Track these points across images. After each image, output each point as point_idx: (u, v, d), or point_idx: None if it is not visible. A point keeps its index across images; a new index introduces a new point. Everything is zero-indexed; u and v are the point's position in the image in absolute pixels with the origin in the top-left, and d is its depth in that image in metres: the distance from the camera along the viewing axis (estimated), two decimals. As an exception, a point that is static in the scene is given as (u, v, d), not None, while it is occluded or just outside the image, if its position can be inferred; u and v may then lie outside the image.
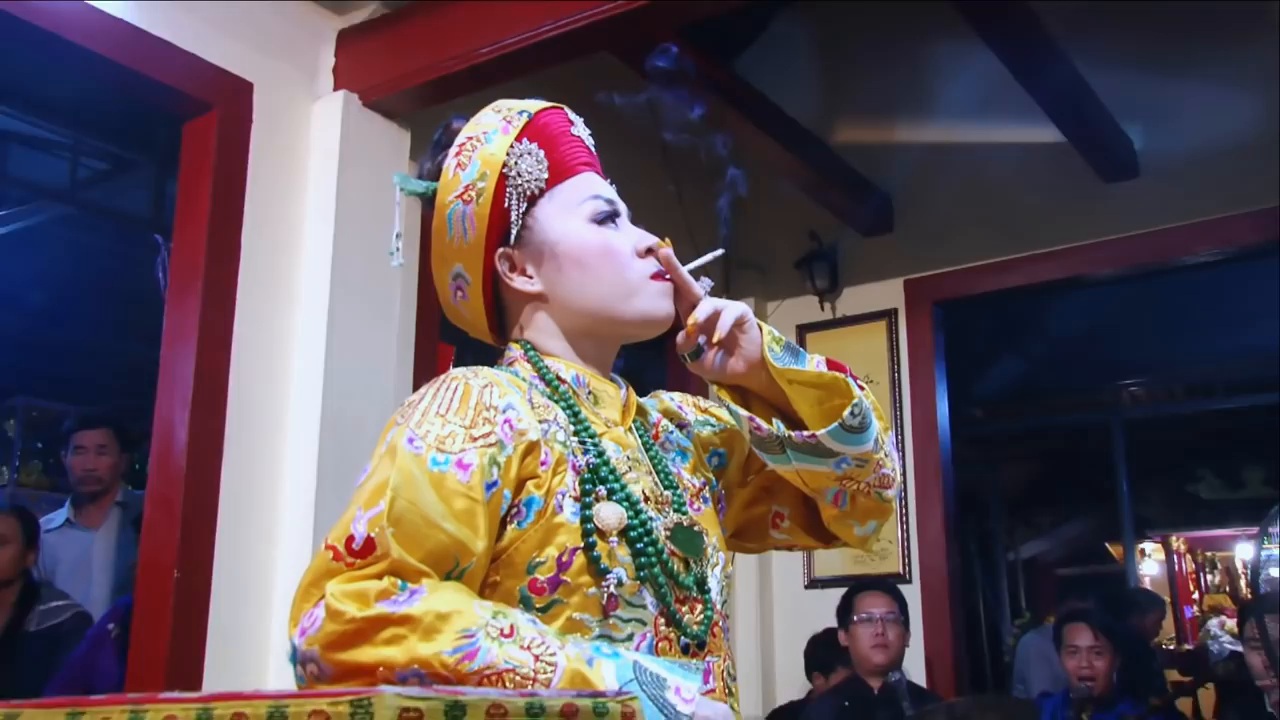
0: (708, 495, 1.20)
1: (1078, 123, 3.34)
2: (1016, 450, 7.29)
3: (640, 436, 1.17)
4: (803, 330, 4.01)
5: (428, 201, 1.18)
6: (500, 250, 1.15)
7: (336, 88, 2.63)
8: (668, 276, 1.15)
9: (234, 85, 2.48)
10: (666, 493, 1.12)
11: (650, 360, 3.83)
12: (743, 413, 1.13)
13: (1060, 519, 7.97)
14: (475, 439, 1.00)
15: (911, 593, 3.54)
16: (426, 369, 2.75)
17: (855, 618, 3.07)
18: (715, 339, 1.13)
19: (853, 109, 4.03)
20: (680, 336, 1.16)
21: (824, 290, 3.96)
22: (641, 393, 1.28)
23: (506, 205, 1.14)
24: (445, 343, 2.88)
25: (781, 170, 3.59)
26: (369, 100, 2.62)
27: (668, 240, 1.16)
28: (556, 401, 1.11)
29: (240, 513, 2.34)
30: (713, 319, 1.13)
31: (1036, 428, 6.84)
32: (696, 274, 1.18)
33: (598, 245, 1.14)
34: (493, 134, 1.15)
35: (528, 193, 1.14)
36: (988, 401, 6.19)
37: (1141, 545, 7.46)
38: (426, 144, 1.23)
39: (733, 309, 1.14)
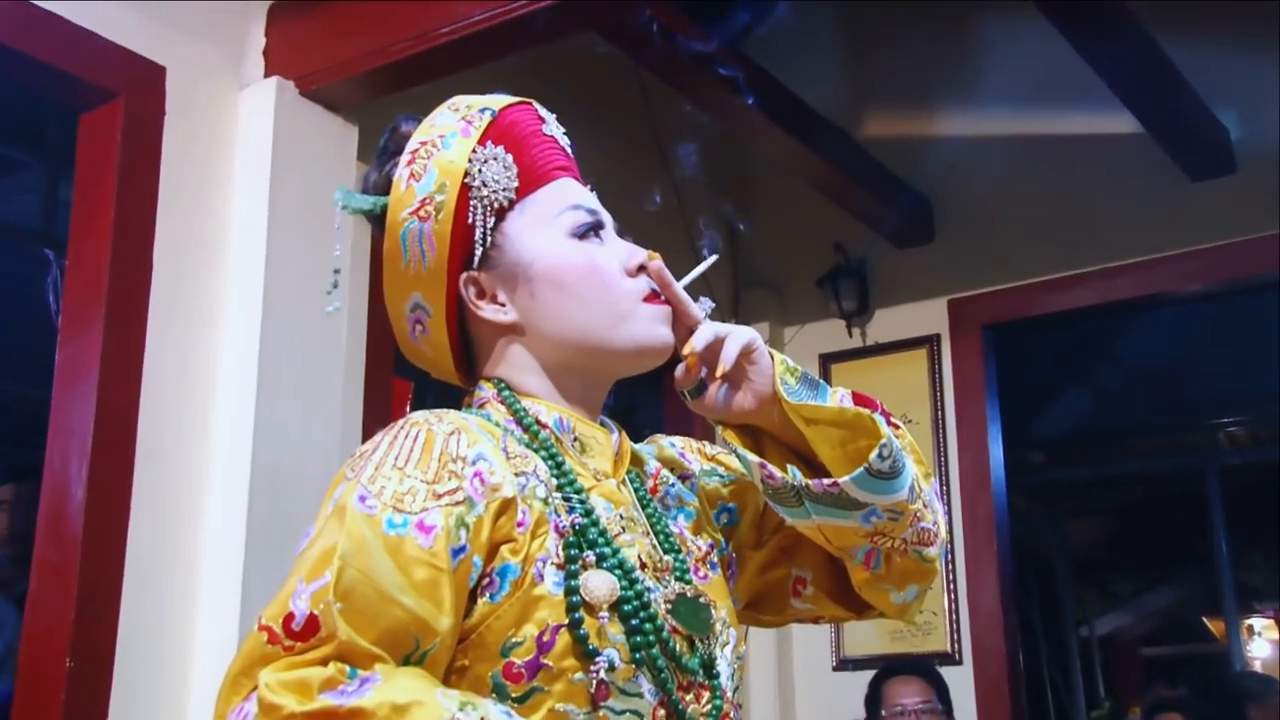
0: (716, 560, 1.22)
1: (1158, 109, 3.34)
2: (1087, 502, 7.30)
3: (635, 491, 1.19)
4: (826, 361, 4.04)
5: (376, 220, 1.20)
6: (465, 274, 1.17)
7: (268, 74, 2.65)
8: (664, 297, 1.17)
9: (142, 70, 2.49)
10: (667, 558, 1.14)
11: (645, 398, 3.85)
12: (752, 458, 1.15)
13: (1143, 587, 7.97)
14: (439, 496, 1.01)
15: (962, 676, 3.54)
16: (379, 410, 2.76)
17: (884, 711, 3.05)
18: (719, 371, 1.14)
19: (885, 96, 4.08)
20: (679, 370, 1.18)
21: (851, 313, 3.99)
22: (636, 438, 1.29)
23: (471, 221, 1.15)
24: (401, 378, 2.90)
25: (799, 169, 3.63)
26: (307, 89, 2.64)
27: (655, 254, 1.18)
28: (536, 450, 1.12)
29: (150, 586, 2.34)
30: (715, 347, 1.15)
31: (1111, 475, 6.85)
32: (694, 292, 1.19)
33: (580, 263, 1.16)
34: (451, 137, 1.17)
35: (495, 205, 1.16)
36: (1051, 444, 6.20)
37: (1248, 620, 7.44)
38: (376, 142, 1.25)
39: (738, 335, 1.16)
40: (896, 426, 1.19)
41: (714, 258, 1.26)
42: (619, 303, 1.16)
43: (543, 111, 1.24)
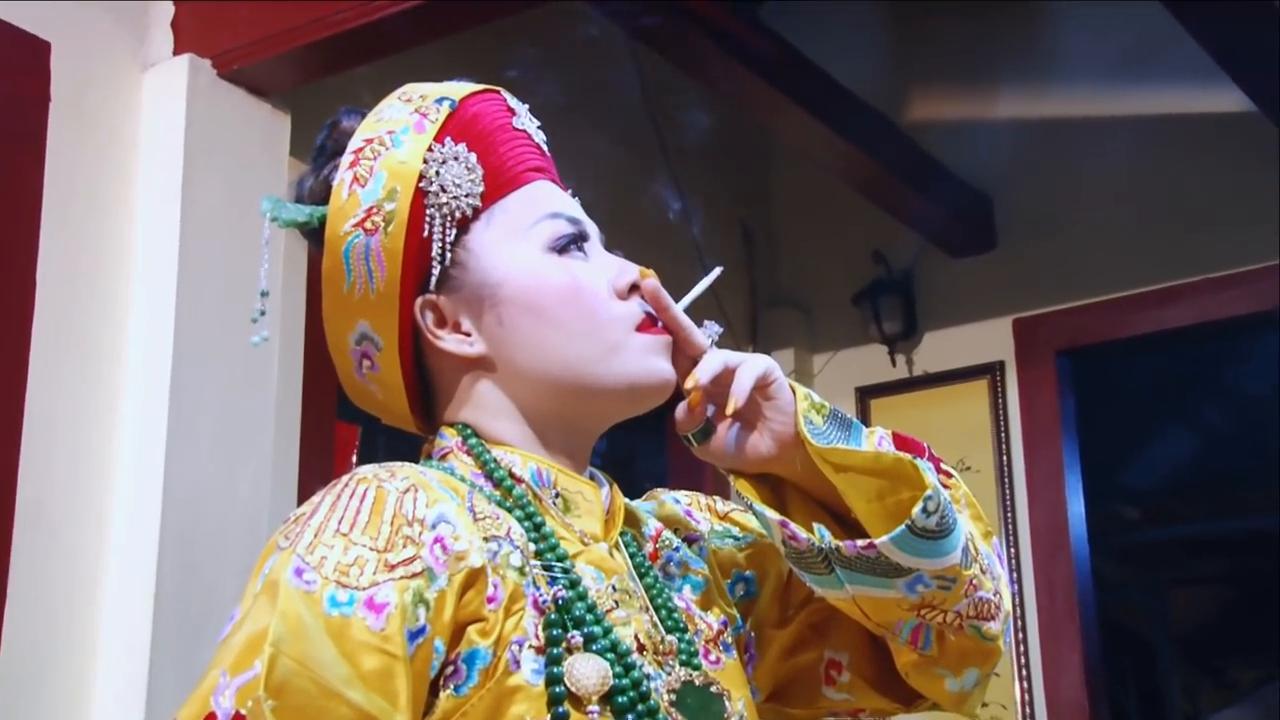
0: (730, 640, 1.23)
1: (1276, 85, 3.31)
2: (1194, 567, 7.28)
3: (631, 557, 1.21)
4: (865, 394, 4.06)
5: (314, 234, 1.22)
6: (422, 298, 1.19)
7: (178, 50, 2.66)
8: (662, 323, 1.20)
9: (20, 45, 2.48)
10: (670, 638, 1.15)
11: (645, 444, 3.87)
12: (772, 515, 1.17)
13: (1269, 673, 7.93)
14: (393, 567, 1.02)
15: (1039, 785, 3.55)
16: (319, 463, 2.78)
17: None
18: (729, 408, 1.16)
19: (934, 71, 4.10)
20: (680, 409, 1.20)
21: (895, 336, 4.01)
22: (634, 492, 1.31)
23: (427, 234, 1.17)
24: (346, 423, 2.91)
25: (829, 162, 3.65)
26: (226, 69, 2.66)
27: (649, 271, 1.20)
28: (510, 510, 1.13)
29: (33, 684, 2.33)
30: (724, 379, 1.17)
31: (1222, 533, 6.84)
32: (700, 315, 1.21)
33: (560, 283, 1.18)
34: (402, 133, 1.19)
35: (457, 214, 1.18)
36: (1145, 495, 6.20)
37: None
38: (315, 135, 1.28)
39: (752, 364, 1.18)
40: (948, 475, 1.21)
41: (719, 270, 1.27)
42: (607, 331, 1.18)
43: (513, 101, 1.26)
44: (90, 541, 2.45)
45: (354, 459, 3.00)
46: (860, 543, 1.13)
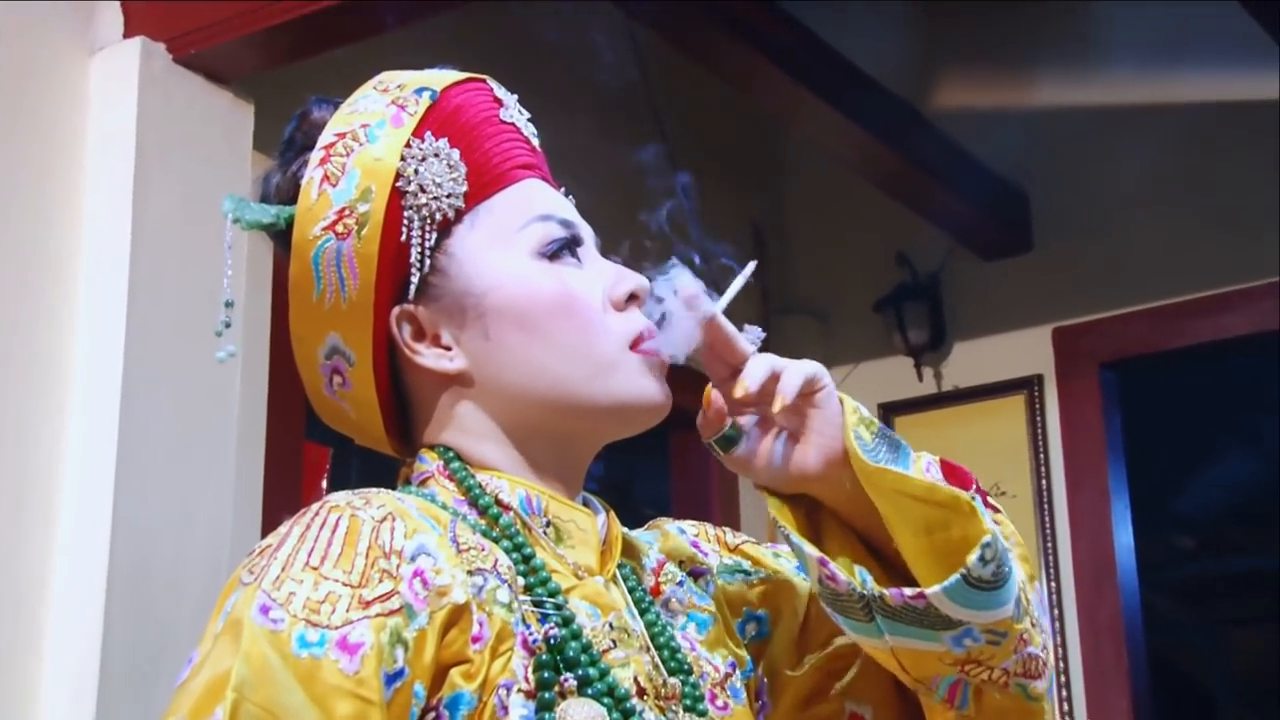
0: (738, 685, 1.23)
1: None
2: (1255, 604, 7.27)
3: (630, 591, 1.21)
4: (888, 411, 4.06)
5: (280, 237, 1.22)
6: (399, 309, 1.19)
7: (129, 33, 2.66)
8: (660, 351, 1.20)
9: (-48, 29, 2.50)
10: (673, 681, 1.15)
11: (644, 465, 3.87)
12: (810, 552, 1.16)
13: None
14: (368, 604, 1.02)
15: None
16: (287, 490, 2.78)
17: None
18: (776, 406, 1.16)
19: (964, 56, 4.09)
20: (702, 416, 1.20)
21: (921, 347, 4.01)
22: (633, 521, 1.32)
23: (405, 238, 1.18)
24: (317, 444, 2.90)
25: (848, 155, 3.66)
26: (182, 54, 2.65)
27: (646, 283, 1.20)
28: (496, 540, 1.13)
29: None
30: (769, 386, 1.17)
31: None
32: (735, 319, 1.20)
33: (550, 293, 1.19)
34: (378, 127, 1.19)
35: (437, 216, 1.19)
36: (1202, 523, 6.19)
37: None
38: (283, 126, 1.28)
39: (800, 366, 1.18)
40: (995, 510, 1.20)
41: (753, 265, 1.27)
42: (600, 346, 1.19)
43: (501, 92, 1.26)
44: (30, 581, 2.44)
45: (325, 485, 2.99)
46: (908, 592, 1.12)
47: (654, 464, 4.04)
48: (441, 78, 1.24)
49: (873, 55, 3.57)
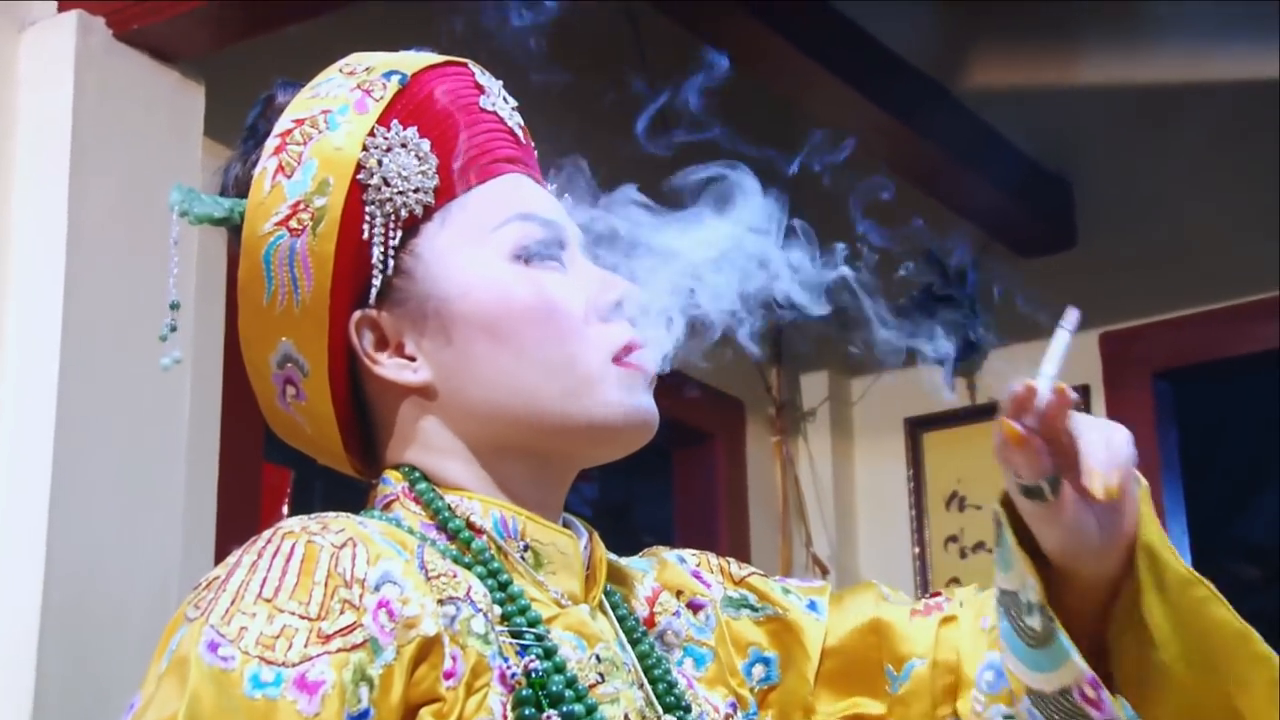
0: (741, 727, 1.26)
1: None
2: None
3: (621, 621, 1.23)
4: (916, 428, 4.08)
5: (236, 232, 1.24)
6: (359, 314, 1.21)
7: (63, 6, 2.67)
8: (646, 366, 1.22)
9: None
10: (667, 718, 1.17)
11: (644, 486, 3.87)
12: (1082, 666, 1.12)
13: None
14: (328, 638, 1.03)
15: None
16: (242, 515, 2.78)
17: None
18: (1110, 496, 1.12)
19: (1000, 29, 4.08)
20: (1024, 445, 1.13)
21: (952, 356, 4.01)
22: (631, 547, 1.34)
23: (366, 236, 1.20)
24: (275, 464, 2.92)
25: (868, 139, 3.65)
26: (124, 29, 2.65)
27: (632, 288, 1.23)
28: (469, 566, 1.15)
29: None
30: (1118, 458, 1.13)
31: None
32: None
33: (525, 300, 1.20)
34: (340, 113, 1.21)
35: (403, 213, 1.21)
36: (1267, 550, 6.18)
37: None
38: (241, 111, 1.30)
39: (1128, 434, 1.16)
40: None
41: (1075, 315, 1.27)
42: (579, 360, 1.20)
43: (484, 77, 1.29)
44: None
45: (286, 510, 2.98)
46: None
47: (655, 485, 4.04)
48: (415, 60, 1.25)
49: (895, 29, 3.57)
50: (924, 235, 4.11)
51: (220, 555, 2.52)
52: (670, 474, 4.09)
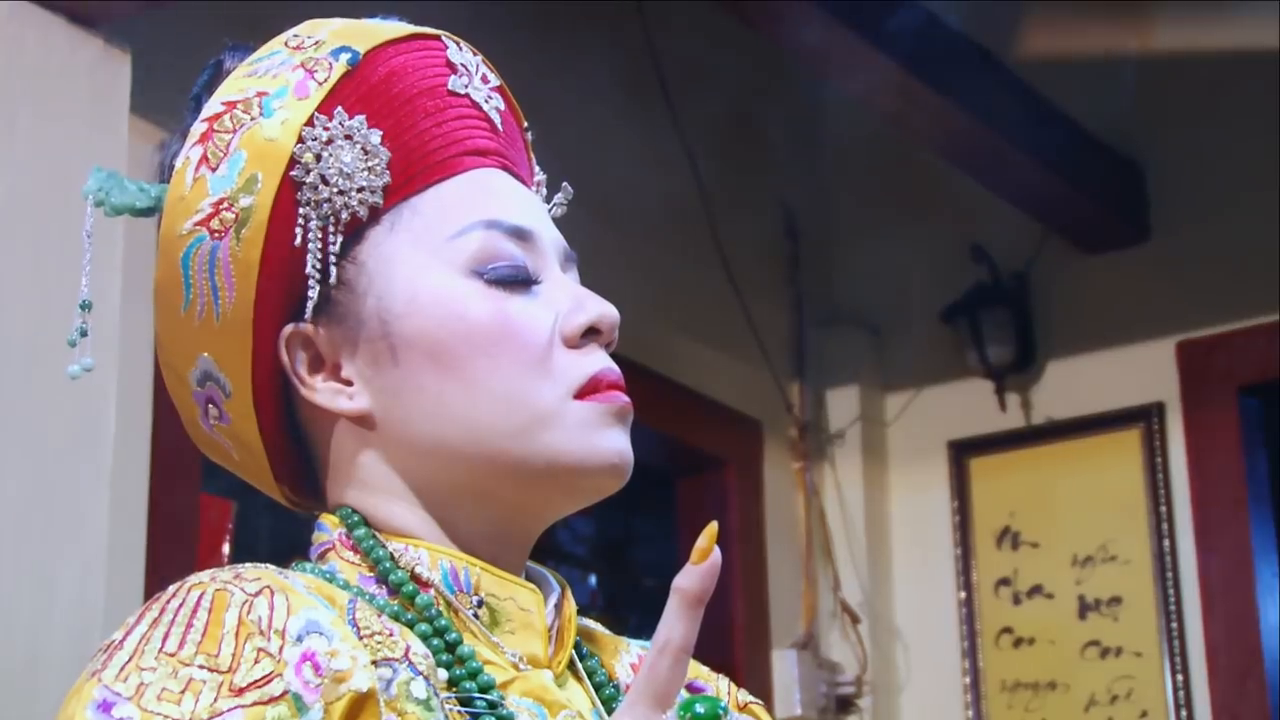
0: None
1: None
2: None
3: (598, 689, 1.23)
4: (961, 452, 4.09)
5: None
6: (290, 329, 1.21)
7: (-21, -29, 2.68)
8: (615, 400, 1.21)
9: None
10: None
11: (644, 519, 3.86)
12: None
13: None
14: (240, 691, 1.03)
15: None
16: (176, 555, 2.79)
17: None
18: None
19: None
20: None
21: (1004, 368, 4.02)
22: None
23: (300, 241, 1.19)
24: (215, 495, 2.90)
25: (911, 120, 3.65)
26: (47, -7, 2.66)
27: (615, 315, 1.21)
28: (412, 625, 1.15)
29: None
30: None
31: None
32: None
33: (480, 322, 1.20)
34: (277, 96, 1.21)
35: (343, 215, 1.20)
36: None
37: None
38: (172, 83, 1.29)
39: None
40: None
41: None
42: (536, 393, 1.19)
43: (457, 53, 1.27)
44: None
45: (227, 549, 2.98)
46: None
47: (657, 519, 4.02)
48: (375, 33, 1.24)
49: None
50: (970, 226, 4.14)
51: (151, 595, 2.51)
52: (674, 506, 4.07)
